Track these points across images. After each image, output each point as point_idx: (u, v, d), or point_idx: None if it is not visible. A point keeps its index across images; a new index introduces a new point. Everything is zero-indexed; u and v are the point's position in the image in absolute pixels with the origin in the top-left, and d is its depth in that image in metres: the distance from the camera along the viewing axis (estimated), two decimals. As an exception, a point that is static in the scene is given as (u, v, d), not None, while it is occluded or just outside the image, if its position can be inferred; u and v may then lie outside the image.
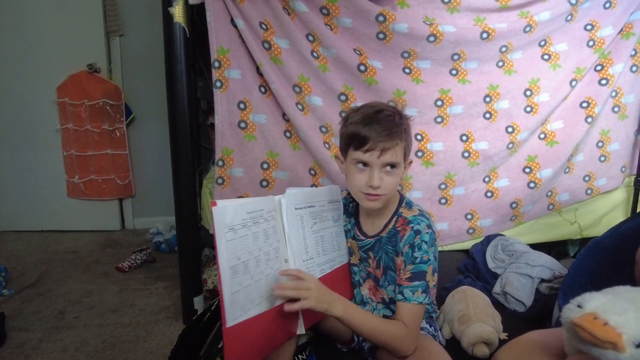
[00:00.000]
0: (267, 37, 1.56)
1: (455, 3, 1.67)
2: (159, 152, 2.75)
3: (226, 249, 0.79)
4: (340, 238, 1.12)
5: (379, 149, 0.93)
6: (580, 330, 0.50)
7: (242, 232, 0.83)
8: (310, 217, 1.03)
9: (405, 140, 0.97)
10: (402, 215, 1.02)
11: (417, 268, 0.95)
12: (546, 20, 1.71)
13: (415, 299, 0.94)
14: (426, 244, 0.95)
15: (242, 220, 0.84)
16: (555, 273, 1.46)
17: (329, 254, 1.06)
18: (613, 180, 1.91)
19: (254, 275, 0.84)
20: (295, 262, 0.96)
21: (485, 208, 1.83)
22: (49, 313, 1.75)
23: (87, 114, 2.58)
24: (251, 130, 1.63)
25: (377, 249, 1.05)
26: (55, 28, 2.53)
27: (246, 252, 0.83)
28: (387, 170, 0.95)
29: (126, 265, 2.17)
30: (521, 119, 1.78)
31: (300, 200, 1.01)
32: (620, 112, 1.88)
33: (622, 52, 1.81)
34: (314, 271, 1.00)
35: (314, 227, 1.03)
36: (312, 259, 1.01)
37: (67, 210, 2.74)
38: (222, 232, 0.79)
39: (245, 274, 0.82)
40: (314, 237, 1.03)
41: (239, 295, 0.81)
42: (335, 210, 1.12)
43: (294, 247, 0.96)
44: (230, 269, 0.79)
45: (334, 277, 1.06)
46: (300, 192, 1.02)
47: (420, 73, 1.71)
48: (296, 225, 0.98)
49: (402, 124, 0.97)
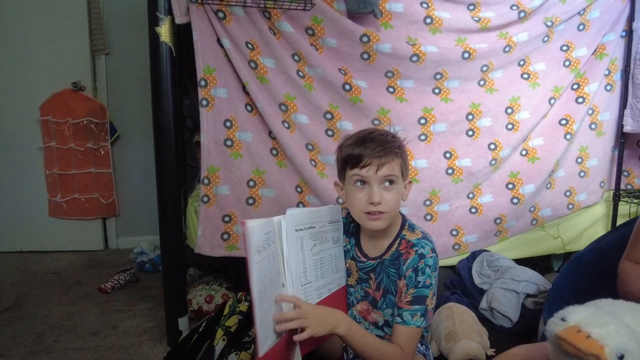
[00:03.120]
0: (253, 57, 1.57)
1: (437, 24, 1.72)
2: (144, 171, 2.72)
3: (257, 272, 0.76)
4: (339, 260, 1.08)
5: (375, 165, 0.93)
6: (565, 344, 0.50)
7: (265, 253, 0.80)
8: (310, 238, 0.98)
9: (401, 157, 0.97)
10: (405, 237, 1.01)
11: (419, 292, 0.95)
12: (524, 41, 1.77)
13: (414, 323, 0.93)
14: (430, 269, 0.95)
15: (263, 241, 0.81)
16: (540, 288, 1.48)
17: (327, 276, 1.03)
18: (593, 195, 1.96)
19: (269, 301, 0.82)
20: (293, 287, 0.92)
21: (470, 224, 1.85)
22: (26, 337, 1.69)
23: (71, 132, 2.55)
24: (237, 148, 1.64)
25: (379, 271, 1.03)
26: (40, 46, 2.52)
27: (268, 275, 0.80)
28: (386, 186, 0.95)
29: (109, 286, 2.12)
30: (503, 136, 1.82)
31: (301, 221, 0.96)
32: (597, 129, 1.94)
33: (597, 72, 1.89)
34: (312, 296, 0.97)
35: (313, 249, 0.99)
36: (310, 282, 0.97)
37: (48, 230, 2.68)
38: (255, 254, 0.76)
39: (265, 299, 0.78)
40: (314, 260, 0.99)
41: (263, 323, 0.78)
42: (336, 231, 1.08)
43: (292, 271, 0.92)
44: (259, 293, 0.76)
45: (332, 301, 1.03)
46: (301, 212, 0.97)
47: (403, 92, 1.74)
48: (296, 248, 0.94)
49: (395, 142, 0.98)
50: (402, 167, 0.98)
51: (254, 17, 1.56)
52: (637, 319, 0.57)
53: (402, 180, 0.98)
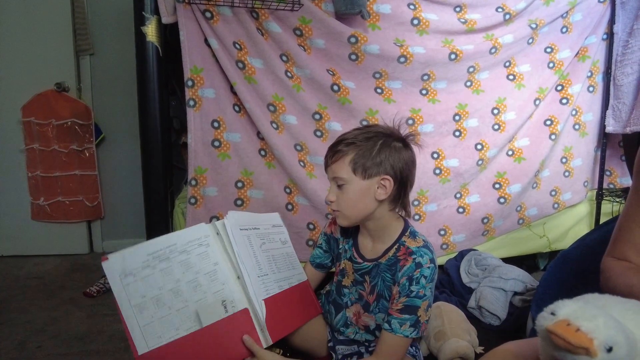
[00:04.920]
0: (241, 57, 1.57)
1: (424, 25, 1.74)
2: (130, 173, 2.68)
3: (125, 292, 0.88)
4: (292, 258, 1.15)
5: (326, 165, 0.99)
6: (555, 337, 0.51)
7: (144, 272, 0.91)
8: (257, 237, 1.07)
9: (357, 154, 0.93)
10: (404, 244, 0.98)
11: (411, 302, 0.92)
12: (510, 43, 1.79)
13: (402, 332, 0.91)
14: (425, 279, 0.92)
15: (142, 262, 0.91)
16: (527, 286, 1.50)
17: (284, 272, 1.09)
18: (577, 195, 1.99)
19: (173, 305, 0.91)
20: (250, 278, 0.98)
21: (457, 224, 1.87)
22: (8, 344, 1.64)
23: (54, 133, 2.50)
24: (225, 149, 1.62)
25: (375, 274, 1.02)
26: (22, 46, 2.46)
27: (155, 288, 0.90)
28: (338, 186, 0.97)
29: (94, 289, 2.08)
30: (489, 136, 1.85)
31: (244, 222, 1.05)
32: (580, 129, 1.98)
33: (580, 74, 1.93)
34: (272, 287, 1.02)
35: (263, 247, 1.07)
36: (267, 275, 1.03)
37: (31, 233, 2.61)
38: (117, 279, 0.88)
39: (158, 307, 0.90)
40: (265, 256, 1.06)
41: (153, 326, 0.88)
42: (281, 234, 1.16)
43: (245, 263, 0.99)
44: (134, 307, 0.88)
45: (295, 293, 1.09)
46: (242, 214, 1.07)
47: (391, 93, 1.75)
48: (244, 243, 1.02)
49: (353, 141, 0.94)
50: (353, 165, 0.93)
51: (241, 17, 1.55)
52: (623, 312, 0.58)
53: (356, 179, 0.93)
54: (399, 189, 0.96)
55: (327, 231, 1.15)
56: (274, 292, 1.02)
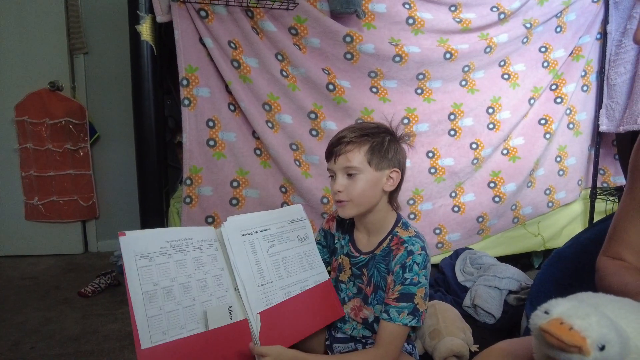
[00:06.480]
0: (236, 56, 1.56)
1: (419, 25, 1.74)
2: (125, 172, 2.67)
3: (139, 275, 0.83)
4: (311, 257, 1.09)
5: (335, 155, 0.98)
6: (548, 336, 0.51)
7: (160, 259, 0.87)
8: (264, 240, 1.02)
9: (371, 146, 0.97)
10: (397, 234, 1.01)
11: (406, 289, 0.94)
12: (504, 42, 1.80)
13: (400, 320, 0.93)
14: (417, 266, 0.95)
15: (159, 247, 0.88)
16: (522, 284, 1.50)
17: (296, 275, 1.04)
18: (571, 193, 2.01)
19: (182, 302, 0.87)
20: (246, 290, 0.94)
21: (452, 223, 1.87)
22: (2, 345, 1.63)
23: (48, 133, 2.48)
24: (220, 148, 1.62)
25: (371, 266, 1.04)
26: (16, 45, 2.44)
27: (167, 279, 0.87)
28: (348, 175, 0.97)
29: (89, 289, 2.07)
30: (484, 135, 1.85)
31: (246, 226, 1.01)
32: (574, 128, 1.99)
33: (574, 73, 1.93)
34: (276, 295, 0.98)
35: (270, 250, 1.02)
36: (271, 282, 0.98)
37: (24, 233, 2.59)
38: (132, 259, 0.84)
39: (167, 299, 0.86)
40: (272, 261, 1.01)
41: (160, 320, 0.83)
42: (301, 229, 1.10)
43: (241, 275, 0.95)
44: (145, 294, 0.83)
45: (309, 298, 1.04)
46: (245, 217, 1.02)
47: (387, 92, 1.75)
48: (243, 252, 0.98)
49: (365, 133, 0.97)
50: (369, 156, 0.97)
51: (236, 16, 1.55)
52: (616, 310, 0.58)
53: (369, 169, 0.97)
54: (400, 182, 1.02)
55: (324, 227, 1.17)
56: (278, 301, 0.98)
